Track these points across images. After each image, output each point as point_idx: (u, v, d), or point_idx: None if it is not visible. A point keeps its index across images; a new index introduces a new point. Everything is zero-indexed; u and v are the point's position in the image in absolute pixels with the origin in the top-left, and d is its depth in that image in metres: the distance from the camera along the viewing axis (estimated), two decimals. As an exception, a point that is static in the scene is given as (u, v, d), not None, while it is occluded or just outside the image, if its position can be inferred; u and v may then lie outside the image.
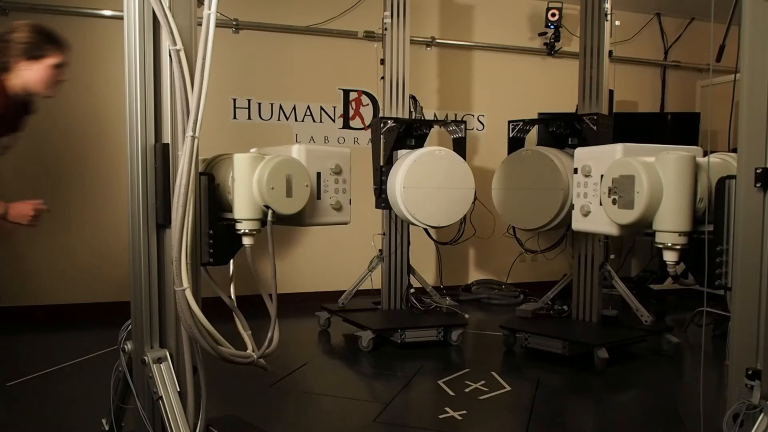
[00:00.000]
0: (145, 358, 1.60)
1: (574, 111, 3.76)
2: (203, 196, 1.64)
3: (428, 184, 3.48)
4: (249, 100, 4.71)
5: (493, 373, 3.10)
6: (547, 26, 5.25)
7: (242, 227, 1.68)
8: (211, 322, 1.57)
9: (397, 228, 3.85)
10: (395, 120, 3.67)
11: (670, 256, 1.59)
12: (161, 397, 1.57)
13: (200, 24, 1.55)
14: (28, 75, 2.23)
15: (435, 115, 5.16)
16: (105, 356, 3.29)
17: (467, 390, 2.86)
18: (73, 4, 4.22)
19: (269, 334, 1.69)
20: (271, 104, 4.76)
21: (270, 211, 1.67)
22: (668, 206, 1.55)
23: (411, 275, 3.92)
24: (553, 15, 5.18)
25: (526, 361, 3.35)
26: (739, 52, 1.44)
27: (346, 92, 4.97)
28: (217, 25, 1.54)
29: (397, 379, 3.03)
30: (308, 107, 4.85)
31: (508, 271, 5.32)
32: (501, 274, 5.34)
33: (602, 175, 1.74)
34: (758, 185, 1.38)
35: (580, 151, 1.95)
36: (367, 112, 5.02)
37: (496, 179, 3.60)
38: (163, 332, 1.65)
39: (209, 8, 1.52)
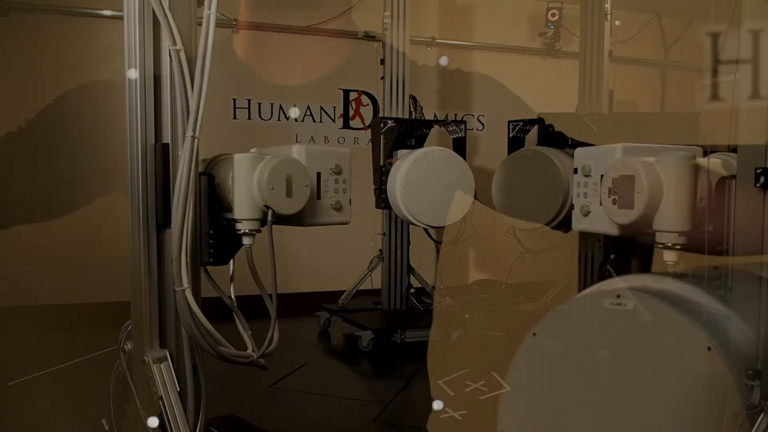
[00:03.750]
0: (145, 358, 1.60)
1: (574, 111, 3.76)
2: (203, 196, 1.64)
3: (428, 184, 3.47)
4: (249, 100, 4.70)
5: (493, 373, 3.10)
6: (547, 26, 5.24)
7: (242, 227, 1.68)
8: (211, 322, 1.57)
9: (397, 228, 3.84)
10: (395, 120, 3.67)
11: (670, 256, 1.59)
12: (161, 397, 1.57)
13: (200, 24, 1.55)
14: None
15: (435, 115, 5.16)
16: (105, 356, 3.28)
17: (467, 390, 2.86)
18: (73, 4, 4.21)
19: (269, 334, 1.69)
20: (271, 104, 4.76)
21: (270, 211, 1.67)
22: (668, 206, 1.55)
23: (411, 275, 3.92)
24: (553, 15, 5.18)
25: (526, 361, 3.35)
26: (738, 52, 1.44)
27: (346, 92, 4.97)
28: (217, 25, 1.54)
29: (397, 379, 3.03)
30: (308, 107, 4.85)
31: (508, 271, 5.31)
32: (501, 274, 5.33)
33: (602, 175, 1.73)
34: (758, 185, 1.38)
35: (580, 151, 1.94)
36: (367, 112, 5.01)
37: (496, 179, 3.58)
38: (163, 332, 1.65)
39: (209, 8, 1.52)
